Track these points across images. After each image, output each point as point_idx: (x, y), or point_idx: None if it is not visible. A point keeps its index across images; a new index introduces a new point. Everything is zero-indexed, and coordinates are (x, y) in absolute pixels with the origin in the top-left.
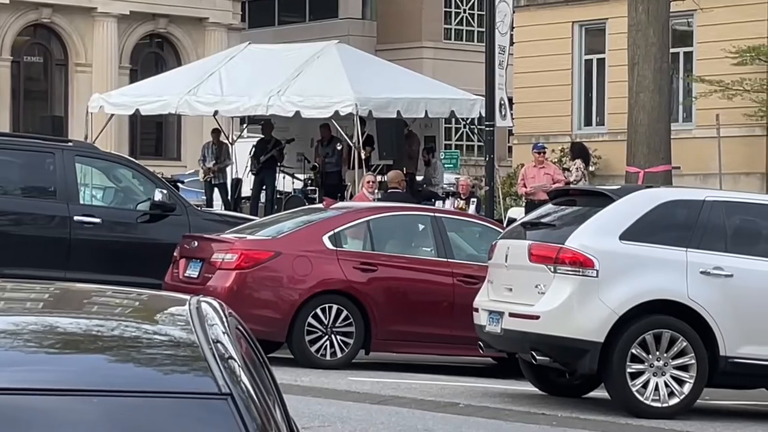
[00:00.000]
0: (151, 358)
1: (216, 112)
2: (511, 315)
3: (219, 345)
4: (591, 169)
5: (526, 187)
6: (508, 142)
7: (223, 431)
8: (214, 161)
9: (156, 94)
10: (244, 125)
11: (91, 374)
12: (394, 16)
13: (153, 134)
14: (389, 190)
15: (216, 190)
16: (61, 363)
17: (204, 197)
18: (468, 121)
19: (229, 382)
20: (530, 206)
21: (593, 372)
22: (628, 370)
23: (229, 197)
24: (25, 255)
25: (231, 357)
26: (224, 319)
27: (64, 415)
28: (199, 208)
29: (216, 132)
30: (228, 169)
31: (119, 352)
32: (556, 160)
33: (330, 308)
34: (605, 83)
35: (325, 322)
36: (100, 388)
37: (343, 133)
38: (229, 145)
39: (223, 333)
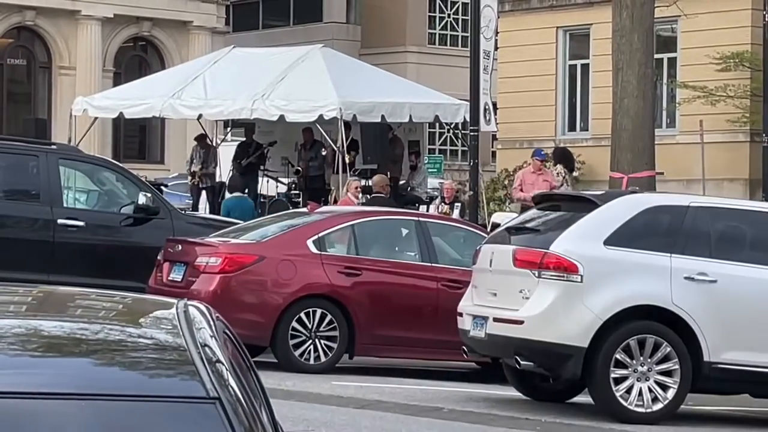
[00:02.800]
0: (139, 362)
1: (200, 116)
2: (496, 320)
3: (207, 349)
4: (575, 174)
5: (523, 191)
6: (492, 147)
7: None
8: (200, 165)
9: (140, 98)
10: (228, 129)
11: (81, 378)
12: (378, 20)
13: (136, 137)
14: (373, 195)
15: (204, 193)
16: (51, 366)
17: (189, 200)
18: (452, 126)
19: (217, 386)
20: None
21: (577, 377)
22: (612, 375)
23: (216, 200)
24: (7, 258)
25: (219, 361)
26: (211, 323)
27: (55, 419)
28: (183, 212)
29: (201, 137)
30: (217, 171)
31: (108, 355)
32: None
33: (314, 312)
34: (589, 88)
35: (309, 327)
36: (89, 392)
37: (327, 137)
38: (216, 148)
39: (211, 337)
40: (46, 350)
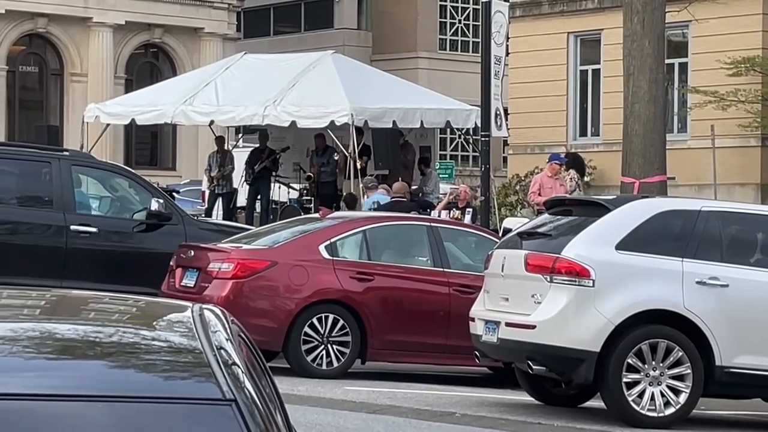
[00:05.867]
0: (156, 365)
1: (212, 122)
2: (508, 324)
3: (222, 351)
4: (586, 179)
5: (541, 196)
6: (503, 153)
7: None
8: (217, 169)
9: (152, 104)
10: (240, 135)
11: (98, 380)
12: (390, 26)
13: (148, 144)
14: (393, 199)
15: (220, 199)
16: (67, 369)
17: (200, 206)
18: (463, 132)
19: (232, 388)
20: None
21: (589, 382)
22: (624, 379)
23: (230, 206)
24: (21, 264)
25: (234, 363)
26: (227, 326)
27: (72, 421)
28: (195, 218)
29: (220, 140)
30: (234, 177)
31: (125, 358)
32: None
33: (326, 318)
34: (600, 94)
35: (322, 332)
36: (108, 394)
37: (338, 143)
38: (233, 153)
39: (226, 340)
40: (60, 353)
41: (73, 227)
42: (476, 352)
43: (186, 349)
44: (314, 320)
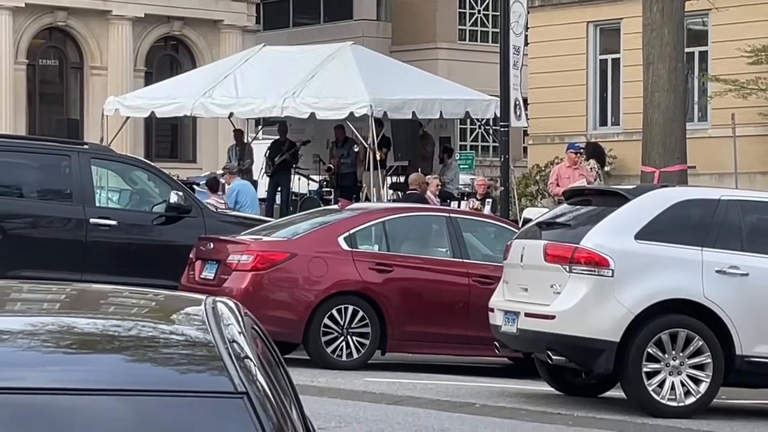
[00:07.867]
0: (169, 358)
1: (231, 114)
2: (527, 315)
3: (235, 344)
4: (606, 169)
5: (559, 186)
6: (523, 143)
7: (240, 430)
8: (237, 162)
9: (171, 97)
10: (260, 127)
11: (116, 374)
12: (409, 17)
13: (168, 137)
14: (408, 192)
15: None
16: (87, 363)
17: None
18: (483, 122)
19: (245, 381)
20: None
21: (609, 371)
22: (644, 369)
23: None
24: (41, 257)
25: (247, 356)
26: (240, 319)
27: (90, 414)
28: (214, 210)
29: (238, 133)
30: (254, 169)
31: (140, 352)
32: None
33: (346, 309)
34: (620, 83)
35: (341, 323)
36: (123, 388)
37: (357, 134)
38: (252, 146)
39: (239, 333)
40: (80, 347)
41: (92, 220)
42: (496, 343)
43: (199, 342)
44: (334, 312)
